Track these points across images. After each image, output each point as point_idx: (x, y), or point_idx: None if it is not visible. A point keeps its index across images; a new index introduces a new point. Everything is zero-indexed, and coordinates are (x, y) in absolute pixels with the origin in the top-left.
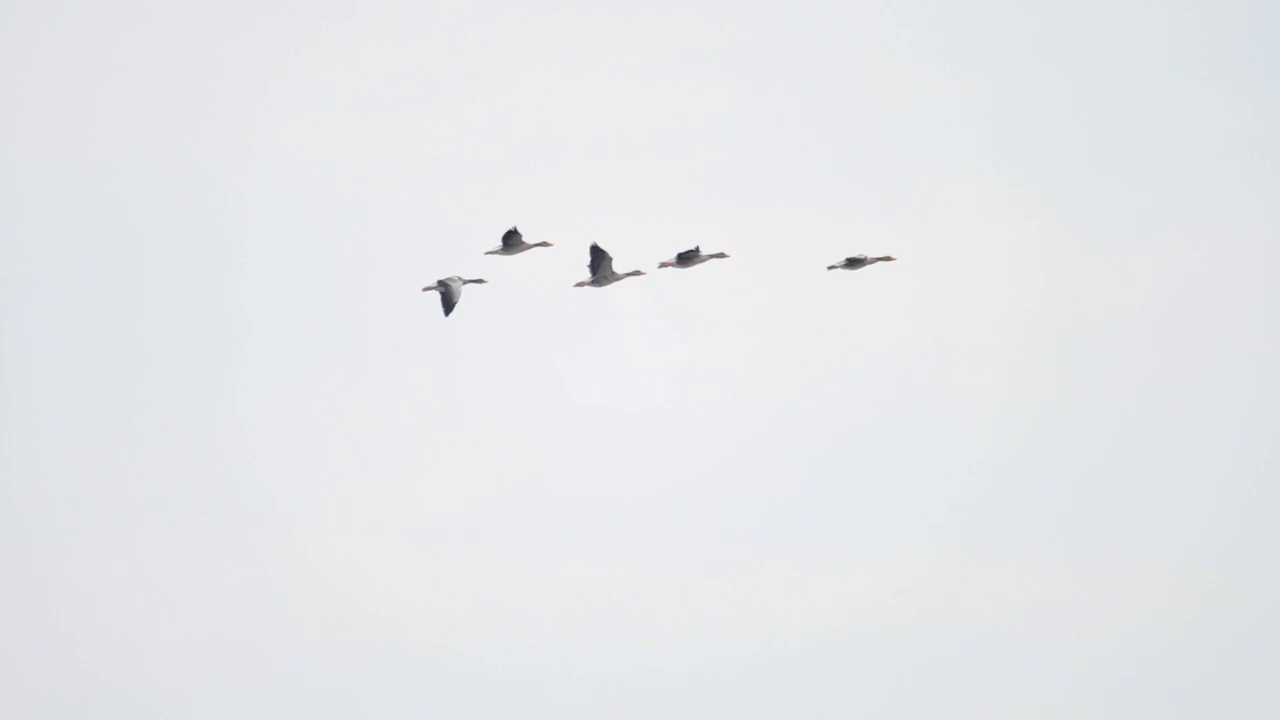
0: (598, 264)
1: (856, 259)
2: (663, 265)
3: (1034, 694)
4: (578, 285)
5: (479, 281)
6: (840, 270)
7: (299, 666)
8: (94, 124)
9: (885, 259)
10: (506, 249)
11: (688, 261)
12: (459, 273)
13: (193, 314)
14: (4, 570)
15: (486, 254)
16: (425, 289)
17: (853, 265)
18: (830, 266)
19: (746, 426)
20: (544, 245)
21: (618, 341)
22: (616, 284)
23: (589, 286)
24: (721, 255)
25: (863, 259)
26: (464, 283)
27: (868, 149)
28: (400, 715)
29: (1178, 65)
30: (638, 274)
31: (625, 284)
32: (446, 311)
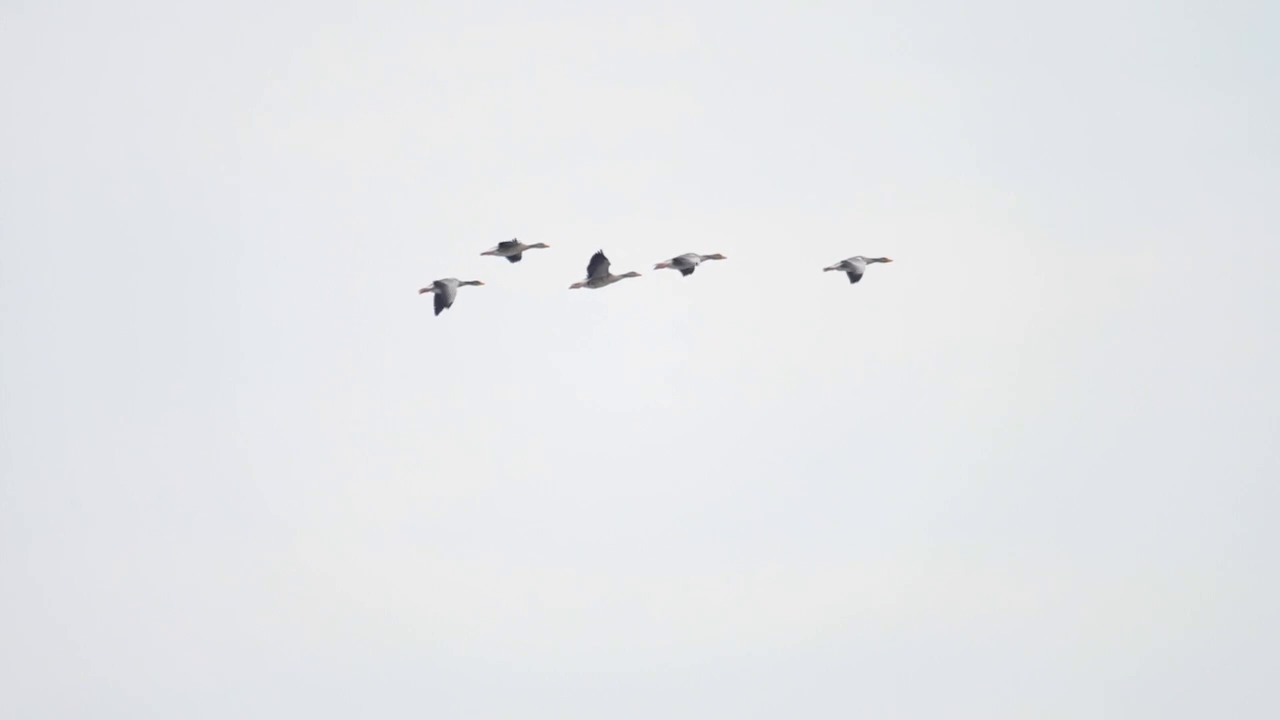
0: (595, 266)
1: (854, 272)
2: (659, 267)
3: (1032, 694)
4: (573, 286)
5: (475, 284)
6: (835, 272)
7: (298, 666)
8: (92, 124)
9: (882, 260)
10: (502, 251)
11: (683, 266)
12: (455, 275)
13: (191, 314)
14: (4, 570)
15: (483, 254)
16: (422, 290)
17: (853, 279)
18: (827, 268)
19: (743, 427)
20: (540, 246)
21: (615, 342)
22: (612, 285)
23: (584, 288)
24: (718, 256)
25: (859, 272)
26: (460, 285)
27: (866, 150)
28: (400, 715)
29: (1175, 68)
30: (633, 275)
31: (621, 285)
32: (436, 311)
